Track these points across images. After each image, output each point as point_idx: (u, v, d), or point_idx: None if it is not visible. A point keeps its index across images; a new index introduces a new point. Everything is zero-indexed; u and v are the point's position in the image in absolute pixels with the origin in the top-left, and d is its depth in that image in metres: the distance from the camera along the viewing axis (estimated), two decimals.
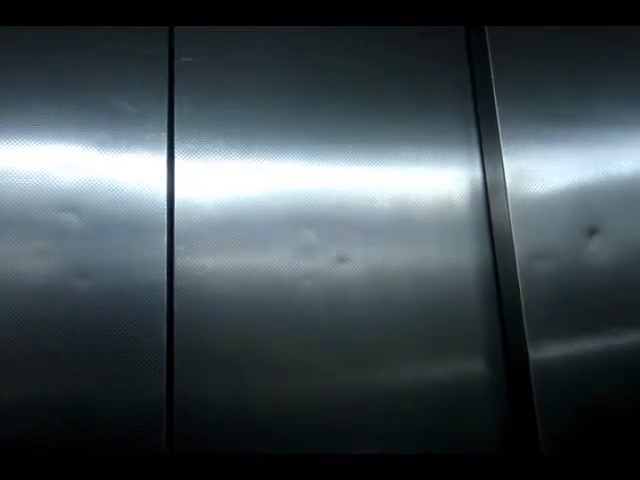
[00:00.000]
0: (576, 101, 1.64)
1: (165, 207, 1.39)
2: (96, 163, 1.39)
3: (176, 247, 1.39)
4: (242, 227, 1.44)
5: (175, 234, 1.39)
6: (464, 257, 1.56)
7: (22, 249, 1.31)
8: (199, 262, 1.39)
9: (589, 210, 1.57)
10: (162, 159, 1.42)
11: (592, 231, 1.55)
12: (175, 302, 1.35)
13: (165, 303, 1.33)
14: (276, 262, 1.43)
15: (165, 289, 1.34)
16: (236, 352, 1.36)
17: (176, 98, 1.47)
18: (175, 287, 1.36)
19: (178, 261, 1.38)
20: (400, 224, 1.54)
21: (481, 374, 1.50)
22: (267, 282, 1.41)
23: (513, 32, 1.65)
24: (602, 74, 1.67)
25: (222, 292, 1.38)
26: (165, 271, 1.35)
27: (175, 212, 1.41)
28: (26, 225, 1.32)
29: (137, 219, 1.37)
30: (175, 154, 1.45)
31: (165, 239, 1.37)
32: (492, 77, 1.62)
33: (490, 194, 1.61)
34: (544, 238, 1.53)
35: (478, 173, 1.64)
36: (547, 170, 1.58)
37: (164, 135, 1.43)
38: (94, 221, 1.35)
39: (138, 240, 1.36)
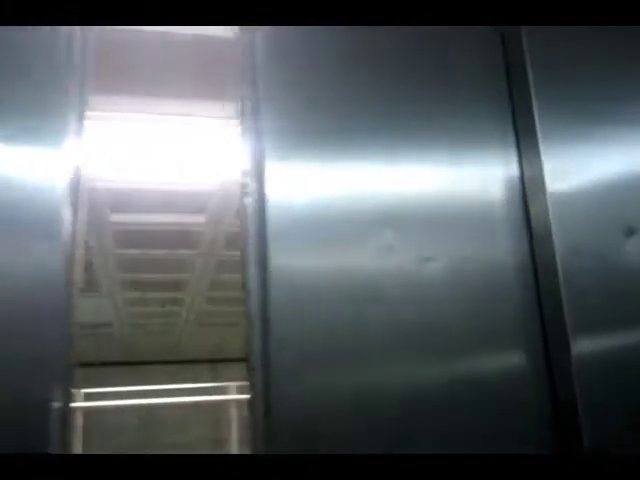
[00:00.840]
0: (615, 99, 1.63)
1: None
2: None
3: (270, 247, 1.42)
4: (330, 227, 1.47)
5: (268, 235, 1.43)
6: (503, 255, 1.56)
7: None
8: (291, 262, 1.43)
9: (629, 208, 1.56)
10: (65, 154, 1.36)
11: (632, 229, 1.55)
12: (271, 301, 1.39)
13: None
14: (362, 261, 1.47)
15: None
16: (325, 349, 1.40)
17: (263, 104, 1.50)
18: (270, 286, 1.39)
19: (272, 261, 1.41)
20: (438, 222, 1.54)
21: (522, 372, 1.49)
22: (354, 281, 1.45)
23: (550, 30, 1.65)
24: None
25: (313, 291, 1.42)
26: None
27: (267, 214, 1.44)
28: None
29: (38, 216, 1.31)
30: (266, 158, 1.48)
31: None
32: (530, 77, 1.62)
33: (528, 192, 1.60)
34: (584, 236, 1.52)
35: (515, 171, 1.63)
36: (586, 168, 1.58)
37: (75, 127, 1.39)
38: None
39: (38, 238, 1.30)
